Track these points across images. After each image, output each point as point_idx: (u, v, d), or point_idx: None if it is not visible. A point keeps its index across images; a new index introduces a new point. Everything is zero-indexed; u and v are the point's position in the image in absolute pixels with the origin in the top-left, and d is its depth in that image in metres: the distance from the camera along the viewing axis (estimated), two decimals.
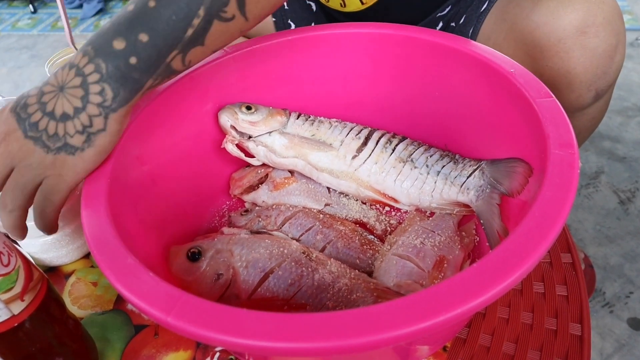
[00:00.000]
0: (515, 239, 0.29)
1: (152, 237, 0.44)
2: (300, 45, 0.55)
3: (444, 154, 0.52)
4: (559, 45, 0.54)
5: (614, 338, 0.84)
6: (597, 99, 0.59)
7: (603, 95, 0.59)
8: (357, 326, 0.26)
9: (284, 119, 0.55)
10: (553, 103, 0.39)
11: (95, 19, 2.36)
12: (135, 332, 0.48)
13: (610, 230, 1.02)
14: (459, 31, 0.68)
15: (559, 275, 0.48)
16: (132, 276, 0.31)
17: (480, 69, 0.46)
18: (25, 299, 0.36)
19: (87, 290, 0.53)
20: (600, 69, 0.55)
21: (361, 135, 0.54)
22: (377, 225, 0.53)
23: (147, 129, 0.47)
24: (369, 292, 0.41)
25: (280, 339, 0.26)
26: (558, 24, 0.53)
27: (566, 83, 0.56)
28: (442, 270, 0.44)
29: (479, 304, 0.27)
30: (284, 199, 0.55)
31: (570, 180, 0.32)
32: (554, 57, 0.55)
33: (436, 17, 0.72)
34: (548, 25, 0.54)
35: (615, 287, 0.92)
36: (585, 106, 0.59)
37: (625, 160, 1.18)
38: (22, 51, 2.15)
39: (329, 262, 0.44)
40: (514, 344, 0.43)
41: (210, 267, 0.44)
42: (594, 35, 0.53)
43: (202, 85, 0.52)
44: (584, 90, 0.56)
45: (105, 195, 0.38)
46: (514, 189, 0.43)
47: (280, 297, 0.41)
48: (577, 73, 0.55)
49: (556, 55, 0.54)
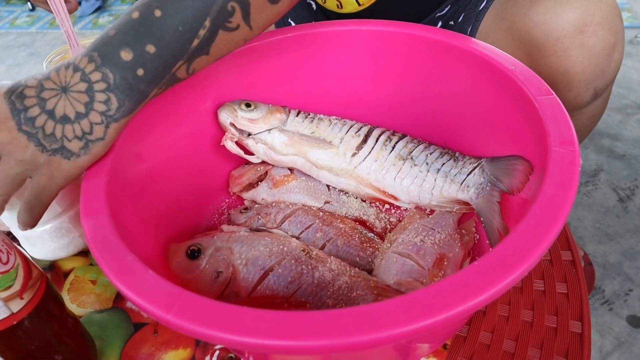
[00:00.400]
0: (517, 237, 0.29)
1: (151, 235, 0.44)
2: (301, 42, 0.55)
3: (444, 151, 0.52)
4: (557, 44, 0.54)
5: (614, 336, 0.84)
6: (596, 98, 0.59)
7: (602, 94, 0.59)
8: (358, 324, 0.26)
9: (283, 116, 0.55)
10: (554, 100, 0.39)
11: (94, 16, 2.35)
12: (134, 330, 0.48)
13: (610, 228, 1.02)
14: (457, 30, 0.68)
15: (559, 273, 0.48)
16: (131, 274, 0.31)
17: (481, 66, 0.46)
18: (24, 297, 0.36)
19: (86, 289, 0.53)
20: (598, 68, 0.54)
21: (361, 133, 0.54)
22: (377, 223, 0.52)
23: (146, 127, 0.46)
24: (369, 290, 0.41)
25: (281, 337, 0.26)
26: (556, 23, 0.53)
27: (565, 82, 0.56)
28: (442, 268, 0.44)
29: (480, 302, 0.26)
30: (283, 196, 0.55)
31: (571, 178, 0.32)
32: (552, 55, 0.54)
33: (435, 17, 0.72)
34: (546, 24, 0.54)
35: (615, 285, 0.92)
36: (584, 105, 0.59)
37: (625, 158, 1.18)
38: (21, 49, 2.15)
39: (329, 259, 0.44)
40: (514, 341, 0.43)
41: (210, 264, 0.43)
42: (592, 34, 0.53)
43: (201, 82, 0.52)
44: (583, 89, 0.56)
45: (104, 192, 0.37)
46: (514, 186, 0.43)
47: (280, 295, 0.41)
48: (575, 72, 0.55)
49: (554, 54, 0.54)
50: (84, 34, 2.22)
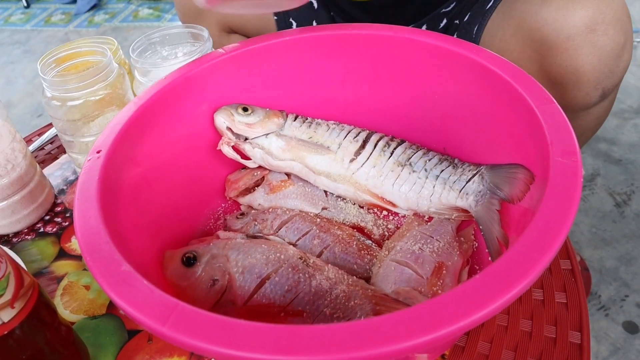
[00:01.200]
0: (519, 250, 0.29)
1: (145, 240, 0.43)
2: (299, 46, 0.54)
3: (443, 157, 0.51)
4: (568, 42, 0.53)
5: (610, 342, 0.84)
6: (603, 98, 0.58)
7: (609, 94, 0.59)
8: (358, 339, 0.25)
9: (281, 120, 0.54)
10: (555, 109, 0.38)
11: (90, 14, 2.33)
12: (128, 338, 0.47)
13: (606, 233, 1.02)
14: (463, 29, 0.68)
15: (558, 282, 0.47)
16: (126, 284, 0.30)
17: (481, 73, 0.46)
18: (15, 306, 0.35)
19: (80, 294, 0.52)
20: (607, 67, 0.54)
21: (359, 138, 0.53)
22: (375, 229, 0.52)
23: (141, 130, 0.46)
24: (367, 299, 0.40)
25: (280, 352, 0.25)
26: (567, 21, 0.53)
27: (574, 81, 0.55)
28: (441, 277, 0.43)
29: (482, 317, 0.26)
30: (280, 202, 0.54)
31: (573, 190, 0.32)
32: (563, 54, 0.54)
33: (440, 13, 0.72)
34: (557, 22, 0.53)
35: (611, 290, 0.92)
36: (591, 105, 0.59)
37: (621, 162, 1.18)
38: (15, 46, 2.13)
39: (327, 268, 0.43)
40: (512, 352, 0.43)
41: (206, 272, 0.43)
42: (603, 33, 0.52)
43: (197, 85, 0.52)
44: (591, 89, 0.56)
45: (97, 197, 0.37)
46: (514, 195, 0.42)
47: (277, 304, 0.41)
48: (585, 71, 0.54)
49: (565, 53, 0.54)
50: (79, 32, 2.20)
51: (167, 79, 0.49)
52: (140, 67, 0.61)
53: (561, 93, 0.59)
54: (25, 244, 0.59)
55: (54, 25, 2.27)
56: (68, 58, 0.61)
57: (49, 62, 0.59)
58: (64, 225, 0.61)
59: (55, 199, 0.65)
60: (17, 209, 0.59)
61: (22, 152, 0.58)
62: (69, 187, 0.67)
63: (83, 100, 0.57)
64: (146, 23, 2.19)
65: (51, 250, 0.58)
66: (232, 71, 0.53)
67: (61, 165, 0.71)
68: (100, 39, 0.69)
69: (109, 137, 0.42)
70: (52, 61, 0.59)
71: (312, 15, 0.78)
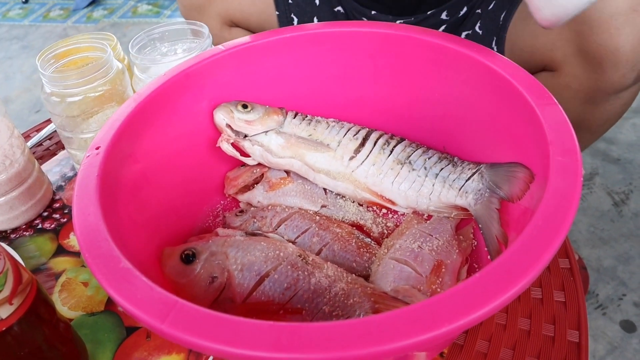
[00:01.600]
0: (519, 249, 0.29)
1: (144, 237, 0.43)
2: (299, 43, 0.54)
3: (443, 156, 0.51)
4: (611, 21, 0.53)
5: (607, 340, 0.84)
6: (636, 82, 0.58)
7: None
8: (357, 337, 0.25)
9: (280, 118, 0.54)
10: (555, 108, 0.38)
11: (88, 10, 2.33)
12: (127, 334, 0.47)
13: (604, 232, 1.02)
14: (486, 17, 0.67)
15: (557, 281, 0.47)
16: (124, 281, 0.30)
17: (482, 72, 0.46)
18: (13, 302, 0.35)
19: (78, 291, 0.52)
20: None
21: (359, 136, 0.53)
22: (374, 227, 0.52)
23: (140, 126, 0.46)
24: (366, 297, 0.40)
25: (279, 350, 0.25)
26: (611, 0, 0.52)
27: (613, 61, 0.55)
28: (440, 275, 0.43)
29: (481, 315, 0.26)
30: (279, 199, 0.54)
31: (573, 189, 0.32)
32: (605, 33, 0.54)
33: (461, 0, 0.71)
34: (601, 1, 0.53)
35: (609, 289, 0.92)
36: (625, 87, 0.58)
37: (620, 162, 1.18)
38: (13, 42, 2.12)
39: (326, 265, 0.43)
40: (511, 350, 0.43)
41: (205, 269, 0.43)
42: None
43: (197, 82, 0.51)
44: (629, 70, 0.55)
45: (96, 194, 0.37)
46: (514, 194, 0.43)
47: (276, 302, 0.41)
48: (625, 51, 0.54)
49: (607, 32, 0.53)
50: (77, 27, 2.20)
51: (167, 76, 0.49)
52: (139, 63, 0.61)
53: (597, 73, 0.58)
54: (23, 240, 0.59)
55: (53, 21, 2.26)
56: (67, 54, 0.60)
57: (48, 58, 0.59)
58: (62, 221, 0.61)
59: (54, 195, 0.65)
60: (15, 205, 0.58)
61: (20, 148, 0.58)
62: (67, 183, 0.67)
63: (82, 96, 0.57)
64: (145, 19, 2.19)
65: (49, 246, 0.57)
66: (231, 68, 0.53)
67: (59, 161, 0.71)
68: (99, 35, 0.68)
69: (108, 134, 0.42)
70: (52, 57, 0.59)
71: (313, 11, 0.78)
